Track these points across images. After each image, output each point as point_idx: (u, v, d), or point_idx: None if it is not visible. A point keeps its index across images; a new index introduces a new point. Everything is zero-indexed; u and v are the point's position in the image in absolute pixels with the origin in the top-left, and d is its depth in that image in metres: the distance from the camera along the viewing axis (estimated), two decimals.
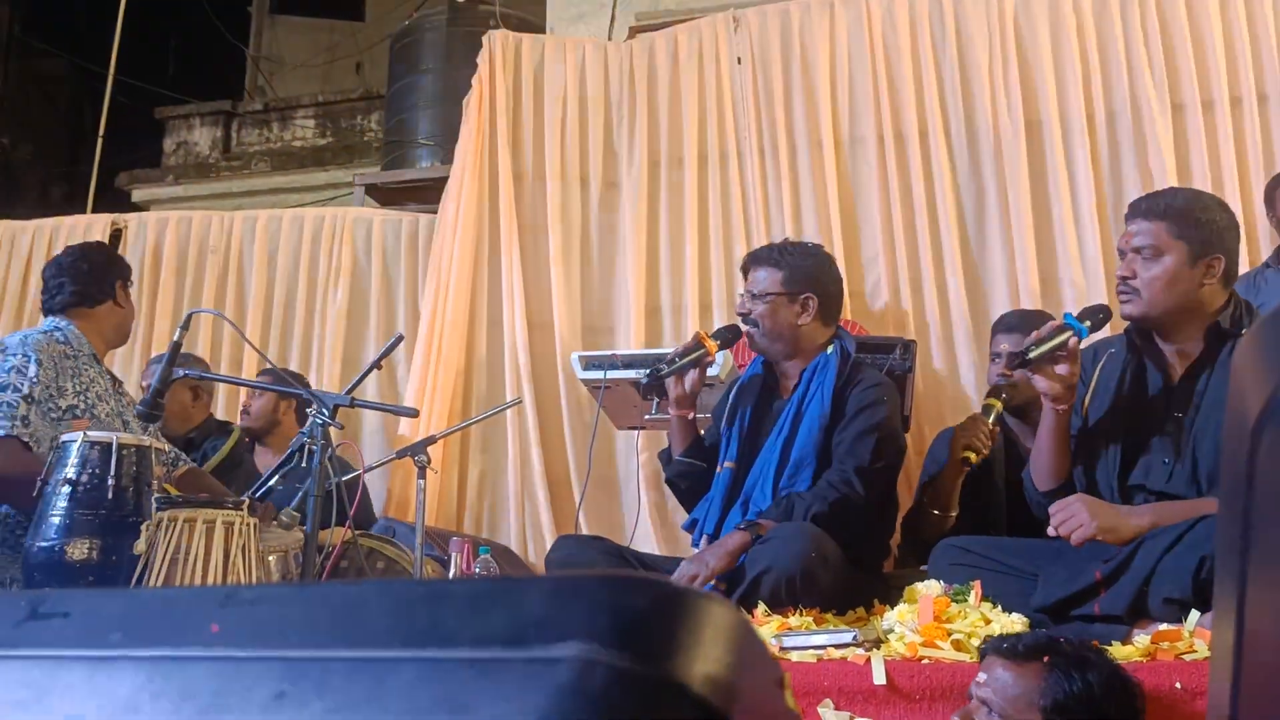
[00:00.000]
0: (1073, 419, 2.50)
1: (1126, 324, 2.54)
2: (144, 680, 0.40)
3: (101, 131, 7.85)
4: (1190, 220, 2.38)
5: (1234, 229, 2.44)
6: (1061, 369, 2.37)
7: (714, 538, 2.87)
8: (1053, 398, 2.40)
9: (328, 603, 0.40)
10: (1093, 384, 2.51)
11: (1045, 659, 1.76)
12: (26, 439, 2.76)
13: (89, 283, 3.03)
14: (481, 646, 0.36)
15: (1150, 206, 2.45)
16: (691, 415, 3.13)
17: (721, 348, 3.12)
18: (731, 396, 3.13)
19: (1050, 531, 2.27)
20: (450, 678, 0.36)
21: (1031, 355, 2.38)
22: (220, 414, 4.60)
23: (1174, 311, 2.38)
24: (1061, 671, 1.74)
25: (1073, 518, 2.23)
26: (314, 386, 4.71)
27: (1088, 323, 2.43)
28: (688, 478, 3.12)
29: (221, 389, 4.69)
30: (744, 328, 3.06)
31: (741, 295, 3.09)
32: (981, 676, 1.79)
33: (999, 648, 1.81)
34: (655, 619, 0.36)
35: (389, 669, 0.37)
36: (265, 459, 4.02)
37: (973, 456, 2.98)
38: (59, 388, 2.84)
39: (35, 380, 2.78)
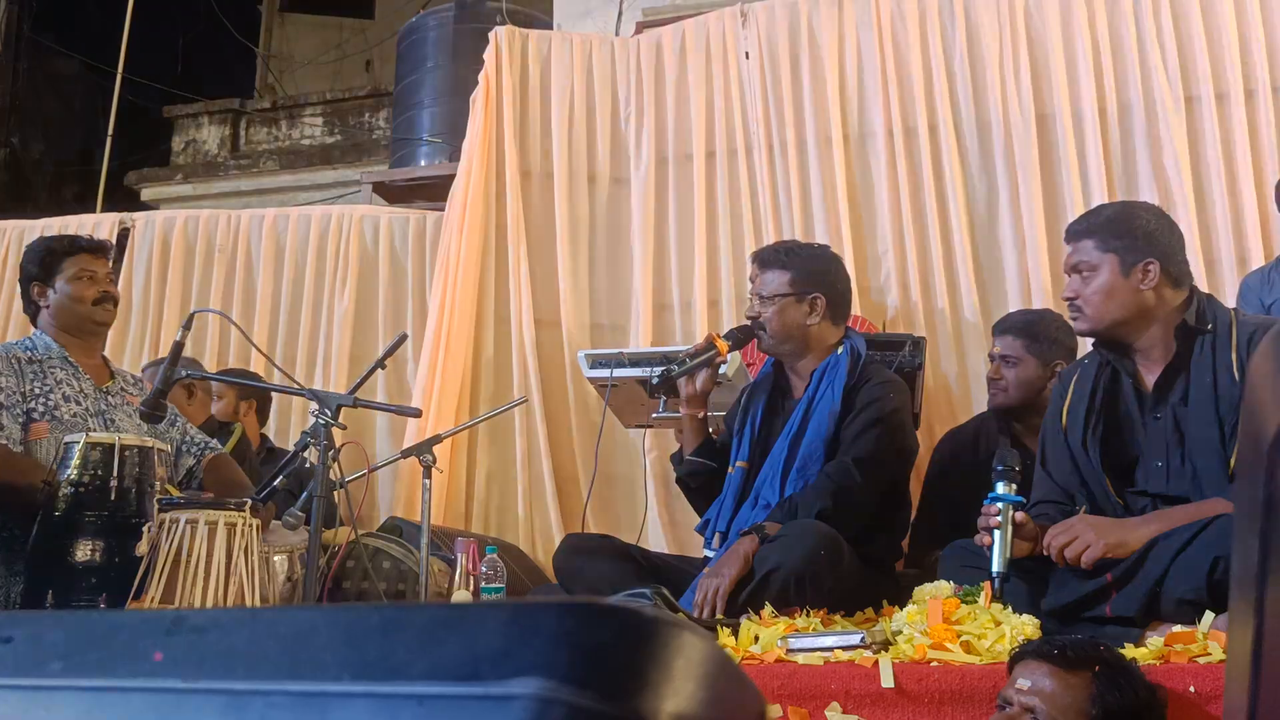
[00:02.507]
0: (1057, 436, 2.50)
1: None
2: (82, 713, 0.37)
3: (111, 130, 7.87)
4: (1115, 232, 2.42)
5: (1165, 231, 2.45)
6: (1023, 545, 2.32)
7: (725, 535, 2.86)
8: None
9: (275, 631, 0.37)
10: (1068, 400, 2.51)
11: (1096, 667, 1.72)
12: (4, 441, 2.81)
13: (24, 302, 3.16)
14: (433, 681, 0.33)
15: (1078, 226, 2.51)
16: (703, 414, 3.12)
17: (733, 348, 3.11)
18: (743, 398, 3.12)
19: (1053, 556, 2.23)
20: (399, 715, 0.33)
21: (1003, 574, 2.25)
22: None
23: (1124, 321, 2.40)
24: (1110, 680, 1.71)
25: (1078, 539, 2.20)
26: (321, 385, 4.70)
27: (1014, 487, 2.33)
28: (698, 477, 3.11)
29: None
30: (754, 330, 3.04)
31: (750, 298, 3.07)
32: (1023, 683, 1.73)
33: (1047, 654, 1.75)
34: (619, 652, 0.33)
35: (335, 704, 0.34)
36: None
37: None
38: (22, 393, 2.89)
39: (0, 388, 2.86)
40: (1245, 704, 0.39)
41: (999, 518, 2.27)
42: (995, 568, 2.24)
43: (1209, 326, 2.37)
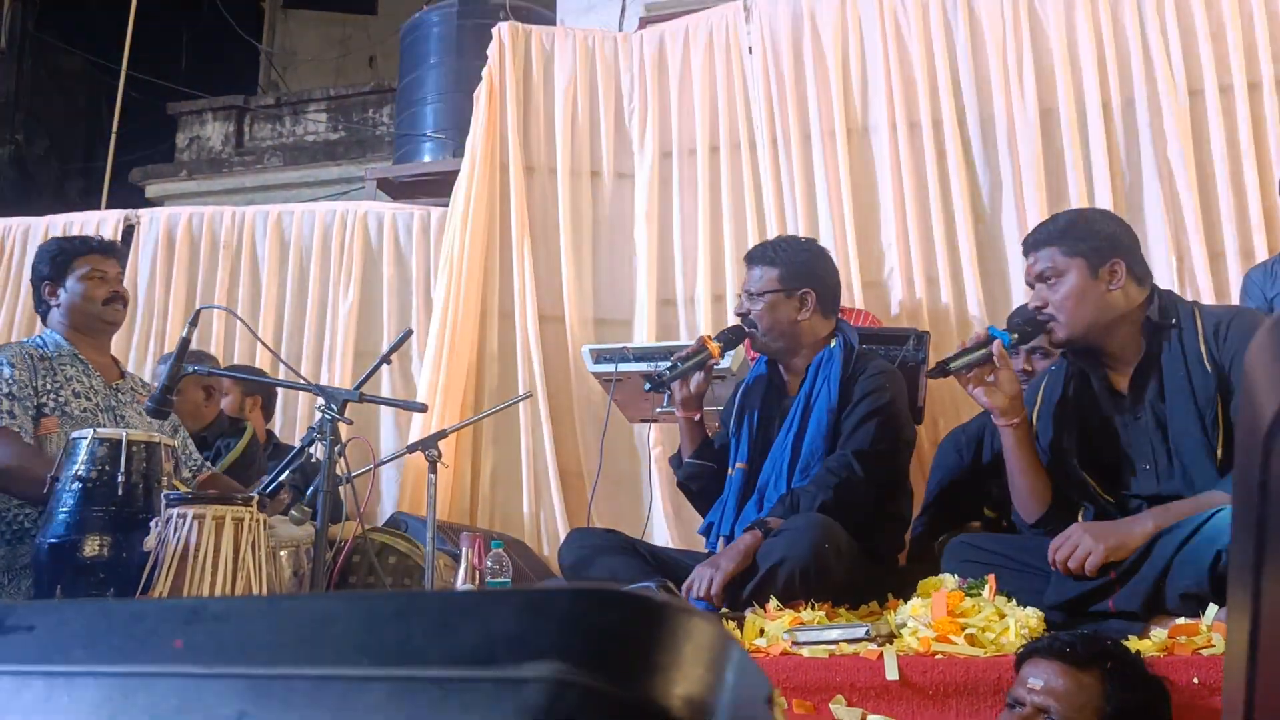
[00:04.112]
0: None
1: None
2: (104, 698, 0.38)
3: (115, 127, 7.88)
4: (1078, 236, 2.43)
5: (1124, 232, 2.49)
6: (993, 377, 2.42)
7: (730, 540, 2.85)
8: (999, 411, 2.44)
9: (294, 618, 0.38)
10: (1036, 407, 2.53)
11: (1107, 664, 1.73)
12: (16, 430, 2.85)
13: (35, 301, 3.21)
14: (450, 665, 0.34)
15: (1039, 236, 2.51)
16: (698, 417, 3.11)
17: (725, 350, 3.08)
18: (737, 398, 3.11)
19: (1057, 567, 2.24)
20: (417, 698, 0.34)
21: (951, 366, 2.44)
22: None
23: (1097, 324, 2.41)
24: (1121, 676, 1.72)
25: (1078, 548, 2.21)
26: (326, 381, 4.72)
27: (1015, 335, 2.48)
28: (698, 480, 3.10)
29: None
30: (745, 328, 3.02)
31: (739, 295, 3.05)
32: (1035, 682, 1.73)
33: (1058, 652, 1.75)
34: (631, 636, 0.34)
35: (354, 688, 0.35)
36: None
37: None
38: (34, 388, 2.93)
39: (12, 380, 2.90)
40: (1242, 690, 0.40)
41: (987, 342, 2.44)
42: (949, 357, 2.47)
43: (1173, 321, 2.38)
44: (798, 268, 2.98)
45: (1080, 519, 2.38)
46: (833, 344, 2.97)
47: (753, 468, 2.96)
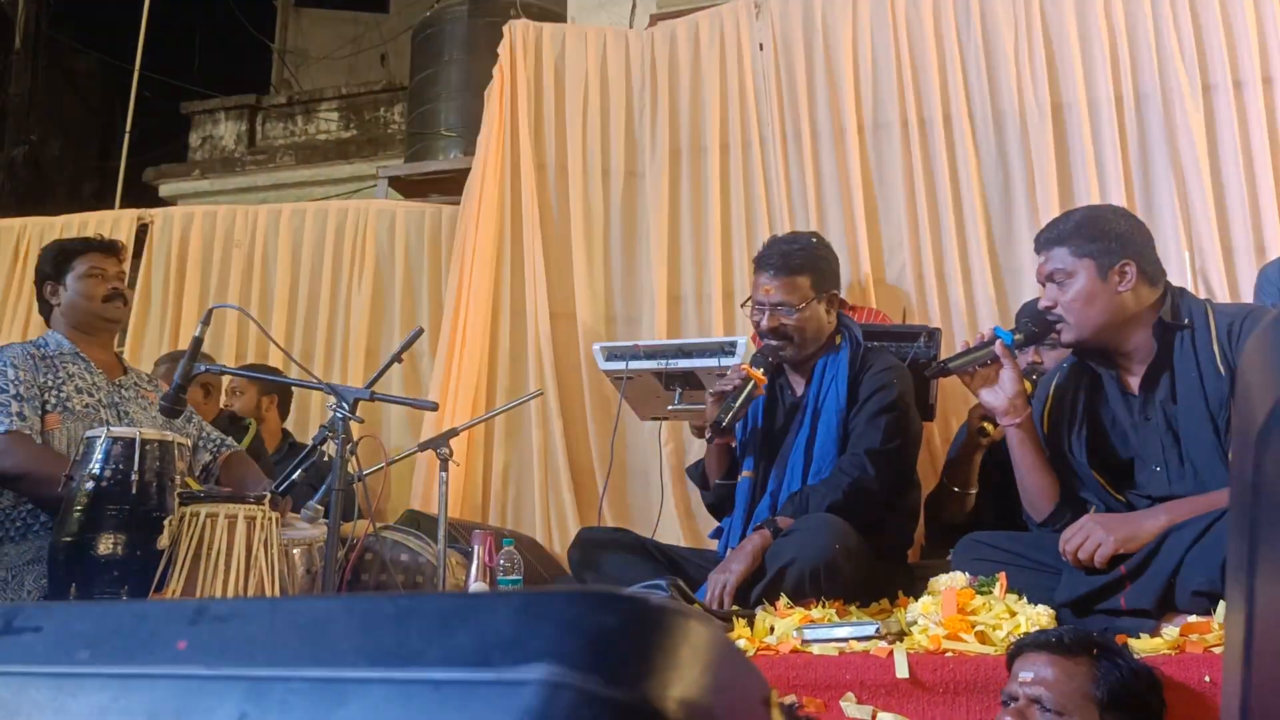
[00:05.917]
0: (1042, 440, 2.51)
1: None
2: (109, 699, 0.39)
3: (129, 127, 7.91)
4: (1088, 236, 2.41)
5: (1136, 231, 2.45)
6: (998, 375, 2.45)
7: None
8: (1001, 410, 2.46)
9: (294, 620, 0.39)
10: (1047, 405, 2.51)
11: (1094, 651, 1.74)
12: (27, 432, 2.86)
13: (38, 301, 3.22)
14: (448, 667, 0.35)
15: (1050, 234, 2.48)
16: (734, 443, 3.05)
17: (766, 373, 2.99)
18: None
19: (1068, 558, 2.24)
20: (415, 700, 0.34)
21: (951, 365, 2.49)
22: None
23: (1107, 325, 2.39)
24: (1109, 662, 1.73)
25: (1089, 538, 2.21)
26: (338, 379, 4.73)
27: (1019, 335, 2.50)
28: (731, 501, 3.04)
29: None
30: (773, 343, 2.94)
31: (762, 307, 2.95)
32: (1026, 675, 1.74)
33: (1045, 643, 1.77)
34: (627, 638, 0.34)
35: (353, 690, 0.35)
36: None
37: (989, 428, 2.96)
38: (39, 385, 2.95)
39: (17, 380, 2.91)
40: (1238, 689, 0.40)
41: (990, 342, 2.50)
42: (950, 356, 2.54)
43: (1186, 322, 2.36)
44: (823, 272, 2.96)
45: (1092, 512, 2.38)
46: (839, 341, 2.94)
47: (761, 475, 2.94)
